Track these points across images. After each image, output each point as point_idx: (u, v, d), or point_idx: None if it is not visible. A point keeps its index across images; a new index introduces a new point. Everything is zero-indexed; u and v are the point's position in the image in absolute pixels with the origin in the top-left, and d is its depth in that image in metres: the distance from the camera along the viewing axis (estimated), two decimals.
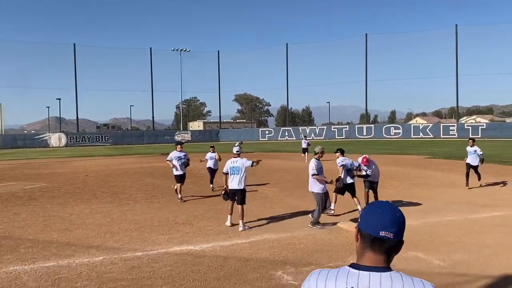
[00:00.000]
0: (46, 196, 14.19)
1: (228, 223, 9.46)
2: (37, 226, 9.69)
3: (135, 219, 10.37)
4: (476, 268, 6.48)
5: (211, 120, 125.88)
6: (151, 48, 66.47)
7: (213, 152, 16.11)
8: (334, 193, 10.77)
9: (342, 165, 10.88)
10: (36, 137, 58.64)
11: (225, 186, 9.63)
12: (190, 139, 61.15)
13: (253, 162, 9.56)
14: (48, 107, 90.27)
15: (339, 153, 11.32)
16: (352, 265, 1.77)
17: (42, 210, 11.63)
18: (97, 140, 57.96)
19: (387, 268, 1.73)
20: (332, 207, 10.55)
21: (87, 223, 10.02)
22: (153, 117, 68.06)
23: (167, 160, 13.53)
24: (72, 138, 57.49)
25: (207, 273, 6.39)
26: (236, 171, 9.44)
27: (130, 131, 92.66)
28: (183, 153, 13.55)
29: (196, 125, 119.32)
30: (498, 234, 8.33)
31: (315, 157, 9.64)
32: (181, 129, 77.42)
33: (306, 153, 26.28)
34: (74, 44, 62.14)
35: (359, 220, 1.84)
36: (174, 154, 13.39)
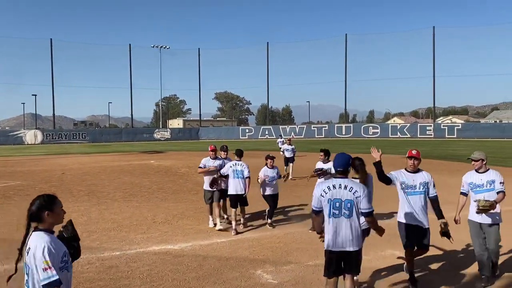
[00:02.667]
0: (20, 194, 13.85)
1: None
2: (11, 226, 9.44)
3: (113, 218, 10.22)
4: (450, 264, 6.61)
5: (191, 118, 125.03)
6: (130, 44, 65.67)
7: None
8: None
9: (319, 172, 8.75)
10: (11, 134, 57.25)
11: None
12: (169, 137, 60.62)
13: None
14: (23, 103, 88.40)
15: (323, 155, 9.27)
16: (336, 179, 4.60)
17: (17, 209, 11.34)
18: (74, 137, 56.88)
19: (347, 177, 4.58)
20: None
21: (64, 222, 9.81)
22: (132, 115, 67.24)
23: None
24: (48, 135, 56.30)
25: (186, 273, 6.35)
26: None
27: (108, 128, 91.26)
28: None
29: (176, 123, 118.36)
30: None
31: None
32: (161, 127, 76.66)
33: (291, 164, 17.98)
34: (51, 39, 60.84)
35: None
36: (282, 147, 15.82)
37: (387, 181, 5.92)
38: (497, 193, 5.83)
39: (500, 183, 5.88)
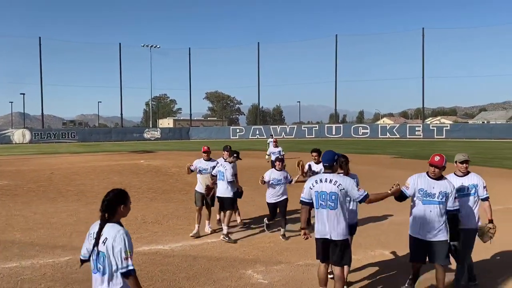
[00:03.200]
0: (8, 194, 13.70)
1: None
2: None
3: None
4: None
5: (182, 118, 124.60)
6: (120, 43, 65.35)
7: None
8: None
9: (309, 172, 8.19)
10: None
11: None
12: (159, 136, 60.36)
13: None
14: (12, 102, 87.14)
15: (316, 155, 8.39)
16: (323, 174, 5.05)
17: (4, 209, 11.22)
18: (63, 136, 56.36)
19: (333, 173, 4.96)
20: None
21: (52, 222, 9.75)
22: (121, 114, 66.83)
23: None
24: (36, 134, 55.70)
25: (176, 273, 6.33)
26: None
27: (97, 128, 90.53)
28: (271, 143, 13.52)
29: (166, 123, 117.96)
30: None
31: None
32: (151, 126, 76.28)
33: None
34: (40, 37, 60.22)
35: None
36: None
37: (403, 198, 5.40)
38: (482, 199, 5.53)
39: (484, 187, 5.53)
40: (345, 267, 5.30)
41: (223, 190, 8.38)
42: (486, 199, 5.55)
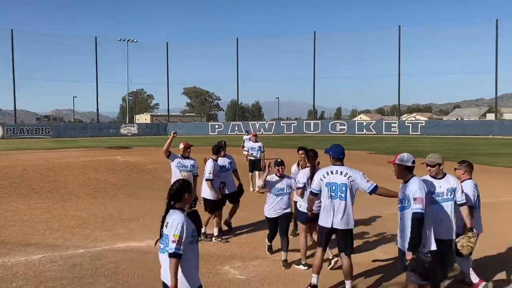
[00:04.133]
0: None
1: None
2: None
3: (77, 215, 9.97)
4: None
5: (159, 113, 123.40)
6: (96, 37, 64.01)
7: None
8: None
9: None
10: None
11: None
12: (136, 132, 59.63)
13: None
14: None
15: (302, 152, 7.14)
16: (334, 166, 5.33)
17: None
18: (37, 132, 55.00)
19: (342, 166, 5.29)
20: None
21: (25, 219, 9.52)
22: (97, 109, 65.59)
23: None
24: (9, 130, 54.17)
25: (153, 270, 6.26)
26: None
27: (73, 123, 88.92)
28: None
29: (143, 118, 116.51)
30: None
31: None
32: (127, 122, 75.32)
33: (257, 172, 13.64)
34: (12, 30, 58.54)
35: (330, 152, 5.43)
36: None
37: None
38: (460, 205, 5.10)
39: (462, 192, 5.12)
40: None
41: (202, 190, 8.22)
42: (464, 204, 5.11)
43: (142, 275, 6.06)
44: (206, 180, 8.02)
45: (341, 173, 5.22)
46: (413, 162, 4.74)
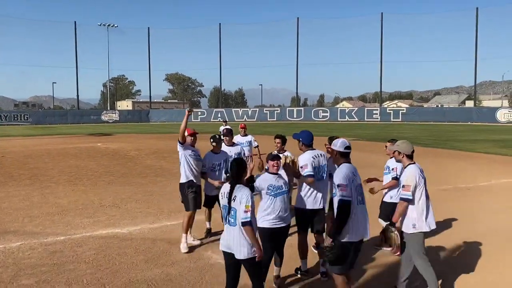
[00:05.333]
0: None
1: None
2: None
3: (57, 202, 9.84)
4: None
5: (141, 100, 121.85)
6: (75, 22, 62.51)
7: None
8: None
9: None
10: None
11: None
12: (118, 119, 58.88)
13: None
14: None
15: (280, 142, 6.41)
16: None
17: None
18: (15, 119, 53.80)
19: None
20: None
21: (3, 207, 9.36)
22: (77, 96, 64.41)
23: None
24: None
25: (135, 256, 6.26)
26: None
27: (52, 110, 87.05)
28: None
29: (125, 105, 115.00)
30: None
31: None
32: (108, 108, 74.19)
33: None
34: None
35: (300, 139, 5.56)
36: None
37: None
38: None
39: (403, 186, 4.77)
40: None
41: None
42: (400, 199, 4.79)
43: (123, 261, 6.03)
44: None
45: (322, 155, 5.58)
46: (347, 148, 4.51)
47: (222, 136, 7.57)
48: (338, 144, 4.56)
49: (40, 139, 29.54)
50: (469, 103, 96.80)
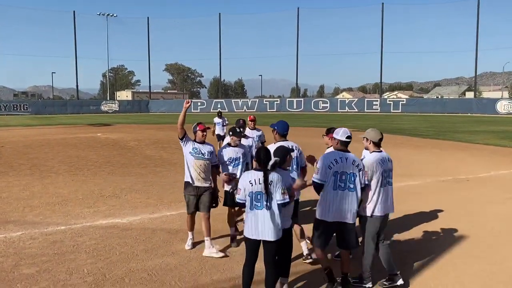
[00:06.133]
0: None
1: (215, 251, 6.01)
2: None
3: (57, 192, 9.87)
4: (396, 233, 6.99)
5: (140, 90, 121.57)
6: (74, 11, 62.17)
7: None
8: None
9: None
10: None
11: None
12: (117, 109, 58.80)
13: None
14: None
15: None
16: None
17: None
18: (15, 109, 53.75)
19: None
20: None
21: (3, 197, 9.38)
22: (77, 86, 64.30)
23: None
24: None
25: (135, 246, 6.29)
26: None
27: (52, 100, 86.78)
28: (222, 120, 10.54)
29: (124, 95, 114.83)
30: (413, 201, 9.01)
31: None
32: (108, 98, 74.09)
33: None
34: None
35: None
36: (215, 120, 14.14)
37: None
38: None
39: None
40: None
41: None
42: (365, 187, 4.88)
43: (123, 251, 6.06)
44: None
45: (296, 148, 5.70)
46: (348, 137, 4.74)
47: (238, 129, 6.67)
48: (340, 133, 4.77)
49: (40, 129, 29.54)
50: (469, 94, 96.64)
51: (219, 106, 58.82)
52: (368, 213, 4.92)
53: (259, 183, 4.32)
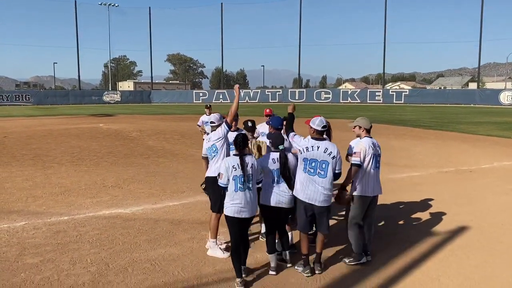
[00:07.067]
0: None
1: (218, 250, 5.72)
2: None
3: (60, 182, 9.89)
4: (399, 223, 7.00)
5: (142, 81, 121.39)
6: (75, 1, 61.86)
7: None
8: None
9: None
10: None
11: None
12: (119, 100, 58.76)
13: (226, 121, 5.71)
14: None
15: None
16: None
17: None
18: (17, 99, 53.75)
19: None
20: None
21: (6, 187, 9.41)
22: (79, 76, 64.21)
23: (198, 125, 9.54)
24: None
25: (138, 236, 6.31)
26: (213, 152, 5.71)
27: (54, 90, 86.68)
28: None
29: (126, 85, 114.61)
30: (415, 192, 9.00)
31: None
32: (110, 89, 74.03)
33: None
34: None
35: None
36: (203, 119, 10.48)
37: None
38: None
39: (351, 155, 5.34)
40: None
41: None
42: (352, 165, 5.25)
43: (127, 241, 6.09)
44: None
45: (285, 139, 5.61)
46: (323, 127, 5.10)
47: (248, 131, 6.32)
48: (316, 123, 5.11)
49: (42, 120, 29.56)
50: (473, 85, 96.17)
51: (221, 96, 58.74)
52: (358, 193, 5.25)
53: (239, 167, 4.76)
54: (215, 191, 5.49)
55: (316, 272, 5.07)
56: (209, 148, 5.68)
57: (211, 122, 6.00)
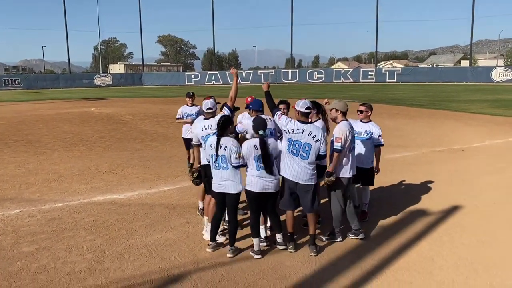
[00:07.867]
0: None
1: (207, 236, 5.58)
2: None
3: (53, 168, 9.83)
4: (393, 204, 7.06)
5: (133, 63, 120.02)
6: None
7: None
8: None
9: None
10: None
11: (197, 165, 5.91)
12: (110, 83, 58.11)
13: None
14: None
15: (284, 106, 6.01)
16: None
17: None
18: (6, 83, 52.89)
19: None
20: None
21: None
22: (68, 59, 63.21)
23: (177, 118, 9.12)
24: None
25: (133, 221, 6.32)
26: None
27: (43, 74, 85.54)
28: (196, 109, 9.11)
29: (117, 68, 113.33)
30: (408, 172, 9.07)
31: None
32: (101, 72, 73.15)
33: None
34: None
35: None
36: (184, 110, 9.25)
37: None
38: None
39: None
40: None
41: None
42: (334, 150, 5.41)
43: (122, 227, 6.09)
44: None
45: (269, 119, 5.58)
46: (307, 108, 5.17)
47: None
48: (300, 104, 5.17)
49: (33, 104, 29.21)
50: (465, 63, 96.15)
51: (213, 78, 58.31)
52: (342, 175, 5.41)
53: (214, 147, 5.02)
54: (210, 178, 5.37)
55: (311, 254, 5.11)
56: (207, 136, 5.38)
57: (208, 109, 5.57)
